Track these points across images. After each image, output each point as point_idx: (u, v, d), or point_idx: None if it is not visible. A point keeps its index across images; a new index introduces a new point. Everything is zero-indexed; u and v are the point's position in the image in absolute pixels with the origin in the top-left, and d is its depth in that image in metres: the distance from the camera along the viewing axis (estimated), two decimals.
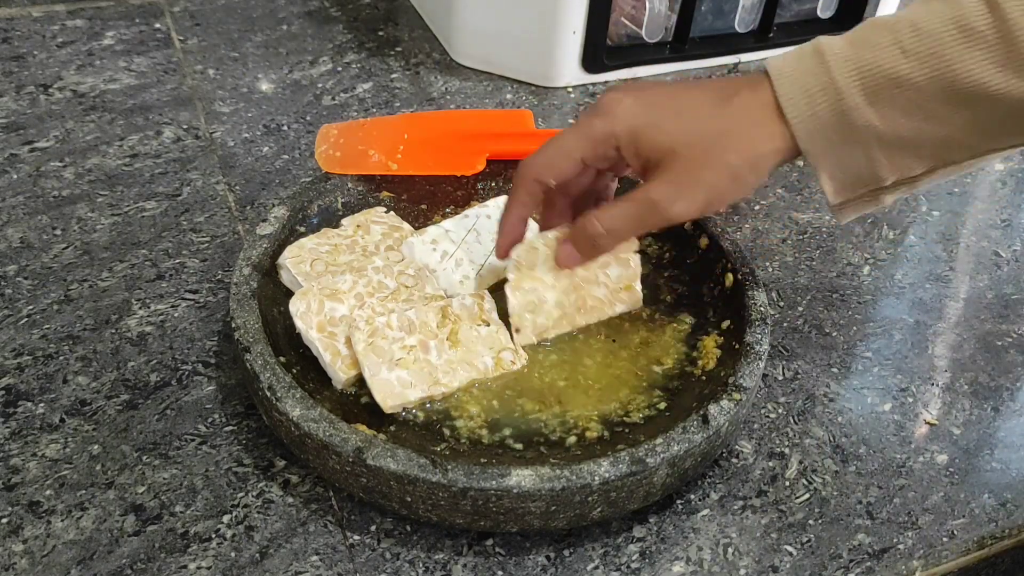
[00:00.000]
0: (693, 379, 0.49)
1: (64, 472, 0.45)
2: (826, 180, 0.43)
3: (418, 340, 0.48)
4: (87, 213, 0.60)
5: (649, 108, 0.44)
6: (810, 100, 0.41)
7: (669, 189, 0.44)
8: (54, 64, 0.75)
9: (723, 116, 0.43)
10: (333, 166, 0.60)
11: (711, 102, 0.43)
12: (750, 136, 0.43)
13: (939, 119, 0.40)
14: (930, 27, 0.39)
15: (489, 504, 0.41)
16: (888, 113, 0.40)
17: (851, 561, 0.44)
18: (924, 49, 0.39)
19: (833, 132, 0.41)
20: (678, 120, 0.43)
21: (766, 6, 0.82)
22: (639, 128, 0.44)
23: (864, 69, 0.40)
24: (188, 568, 0.42)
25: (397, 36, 0.84)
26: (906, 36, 0.39)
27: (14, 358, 0.50)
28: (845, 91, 0.40)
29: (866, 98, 0.40)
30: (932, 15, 0.39)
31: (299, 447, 0.44)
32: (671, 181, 0.44)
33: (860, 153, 0.42)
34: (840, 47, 0.41)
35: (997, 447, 0.51)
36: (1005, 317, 0.60)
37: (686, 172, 0.43)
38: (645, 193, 0.44)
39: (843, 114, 0.41)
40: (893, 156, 0.42)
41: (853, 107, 0.40)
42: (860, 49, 0.40)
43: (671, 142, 0.43)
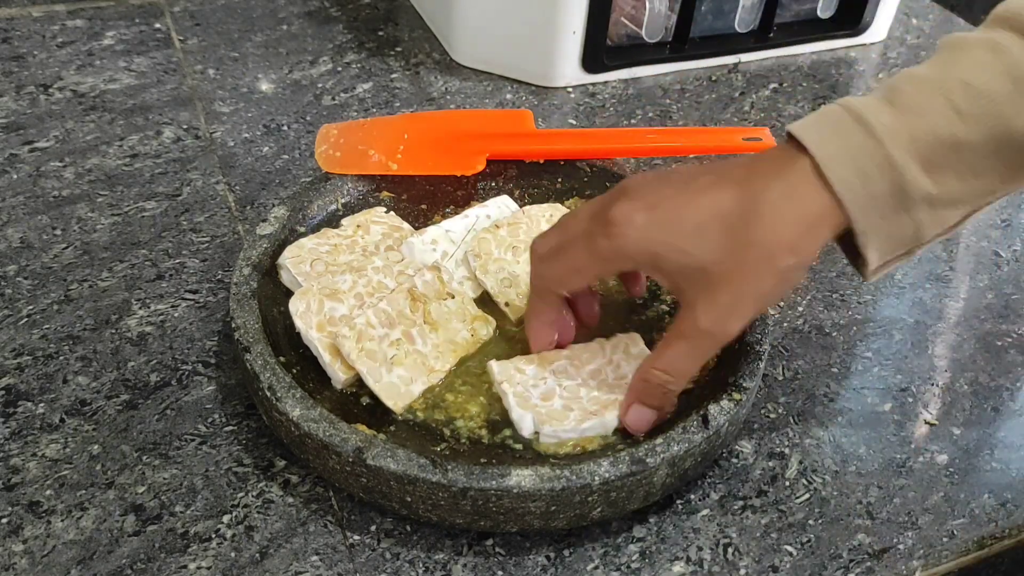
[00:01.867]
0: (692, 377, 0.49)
1: (64, 472, 0.45)
2: (873, 252, 0.40)
3: (402, 332, 0.48)
4: (87, 213, 0.61)
5: (665, 228, 0.39)
6: (865, 181, 0.38)
7: (718, 314, 0.40)
8: (54, 64, 0.75)
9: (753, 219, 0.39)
10: (333, 166, 0.60)
11: (738, 205, 0.39)
12: (790, 233, 0.39)
13: (988, 175, 0.38)
14: (984, 84, 0.37)
15: (489, 504, 0.41)
16: (943, 178, 0.38)
17: (851, 561, 0.44)
18: (981, 109, 0.37)
19: (888, 207, 0.38)
20: (700, 238, 0.39)
21: (766, 6, 0.82)
22: (657, 252, 0.40)
23: (920, 139, 0.37)
24: (188, 568, 0.42)
25: (397, 36, 0.84)
26: (959, 97, 0.37)
27: (14, 358, 0.50)
28: (903, 166, 0.37)
29: (923, 168, 0.38)
30: (983, 70, 0.37)
31: (299, 447, 0.44)
32: (717, 305, 0.40)
33: (908, 220, 0.39)
34: (889, 118, 0.38)
35: (997, 447, 0.51)
36: (1005, 317, 0.60)
37: (729, 292, 0.40)
38: (694, 325, 0.41)
39: (901, 188, 0.38)
40: (937, 215, 0.39)
41: (912, 181, 0.38)
42: (912, 118, 0.37)
43: (699, 264, 0.39)
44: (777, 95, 0.80)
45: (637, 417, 0.45)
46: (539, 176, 0.62)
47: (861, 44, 0.89)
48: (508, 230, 0.55)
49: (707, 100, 0.79)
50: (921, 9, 0.97)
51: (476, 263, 0.53)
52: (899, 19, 0.92)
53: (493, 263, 0.53)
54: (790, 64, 0.85)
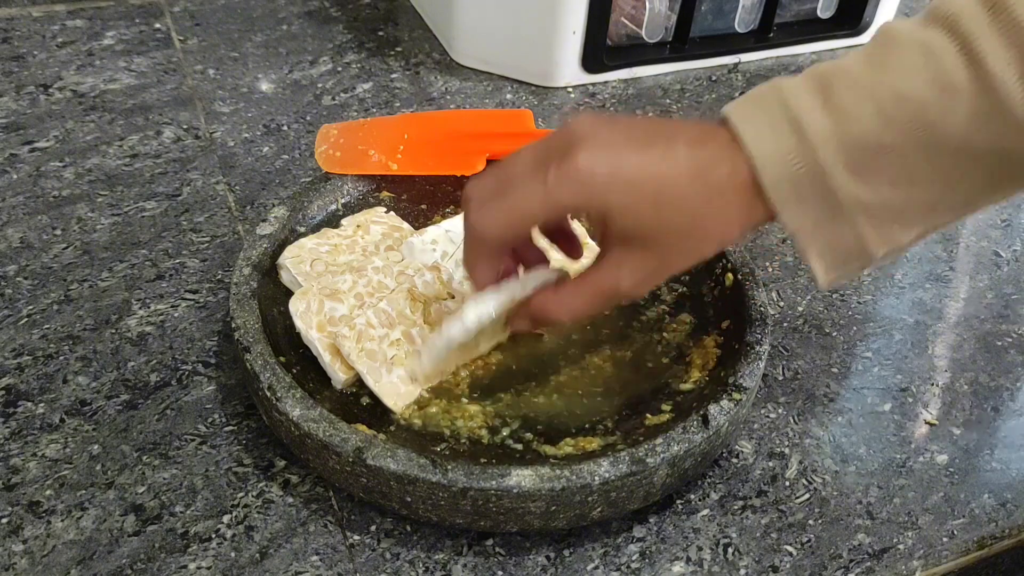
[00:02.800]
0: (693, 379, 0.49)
1: (64, 472, 0.45)
2: (815, 259, 0.40)
3: (401, 332, 0.48)
4: (87, 213, 0.61)
5: (628, 189, 0.39)
6: (795, 185, 0.38)
7: (642, 277, 0.41)
8: (54, 64, 0.75)
9: (703, 204, 0.40)
10: (333, 166, 0.60)
11: (690, 185, 0.39)
12: (727, 222, 0.40)
13: (925, 183, 0.38)
14: (912, 91, 0.36)
15: (489, 504, 0.41)
16: (873, 184, 0.38)
17: (851, 561, 0.44)
18: (908, 115, 0.37)
19: (819, 211, 0.39)
20: (656, 209, 0.39)
21: (766, 6, 0.82)
22: (613, 208, 0.40)
23: (848, 144, 0.37)
24: (188, 568, 0.42)
25: (397, 36, 0.84)
26: (889, 103, 0.37)
27: (14, 358, 0.50)
28: (831, 170, 0.38)
29: (851, 172, 0.38)
30: (913, 76, 0.37)
31: (299, 447, 0.44)
32: (644, 268, 0.41)
33: (848, 229, 0.39)
34: (821, 122, 0.38)
35: (997, 447, 0.51)
36: (1005, 317, 0.60)
37: (660, 260, 0.41)
38: (616, 282, 0.42)
39: (830, 192, 0.38)
40: (881, 228, 0.39)
41: (840, 185, 0.38)
42: (843, 123, 0.37)
43: (647, 231, 0.40)
44: None
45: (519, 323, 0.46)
46: None
47: (861, 44, 0.88)
48: None
49: (707, 100, 0.79)
50: (921, 9, 0.97)
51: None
52: (899, 19, 0.92)
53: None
54: (790, 64, 0.85)
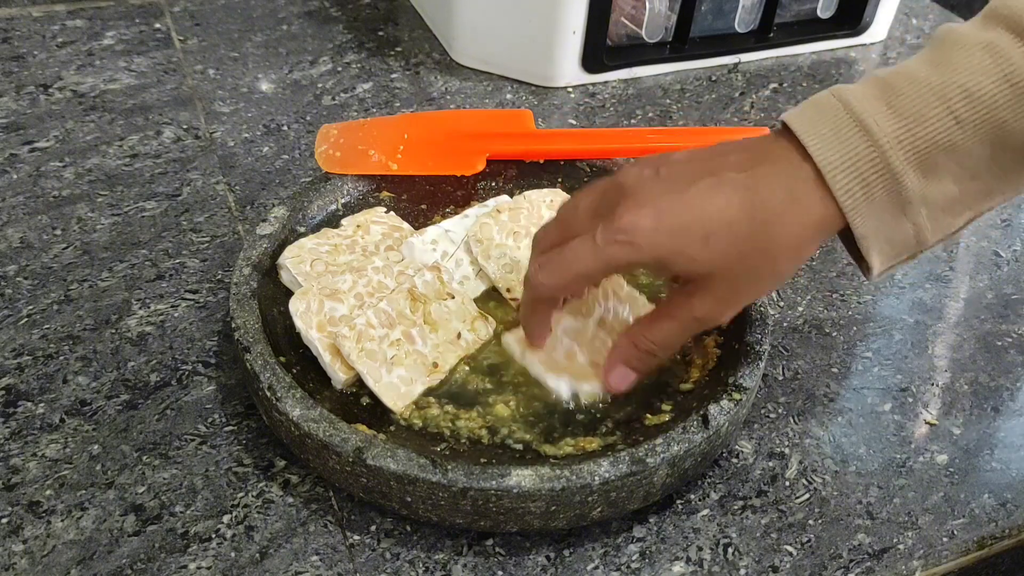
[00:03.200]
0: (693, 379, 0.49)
1: (64, 472, 0.45)
2: (876, 256, 0.41)
3: (401, 332, 0.48)
4: (87, 213, 0.61)
5: (674, 237, 0.40)
6: (867, 189, 0.39)
7: (714, 306, 0.42)
8: (54, 64, 0.75)
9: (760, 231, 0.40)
10: (333, 166, 0.60)
11: (743, 214, 0.39)
12: (795, 239, 0.40)
13: (985, 177, 0.39)
14: (983, 90, 0.37)
15: (489, 504, 0.41)
16: (939, 182, 0.39)
17: (851, 561, 0.44)
18: (979, 116, 0.37)
19: (886, 212, 0.39)
20: (709, 247, 0.40)
21: (766, 6, 0.82)
22: (665, 258, 0.40)
23: (919, 147, 0.38)
24: (188, 568, 0.42)
25: (397, 36, 0.84)
26: (959, 104, 0.37)
27: (14, 358, 0.50)
28: (902, 173, 0.38)
29: (920, 172, 0.38)
30: (982, 75, 0.37)
31: (299, 447, 0.44)
32: (715, 299, 0.42)
33: (909, 224, 0.40)
34: (889, 125, 0.38)
35: (997, 447, 0.51)
36: (1005, 317, 0.60)
37: (729, 290, 0.41)
38: (690, 312, 0.42)
39: (899, 194, 0.39)
40: (938, 220, 0.40)
41: (910, 186, 0.38)
42: (912, 125, 0.38)
43: (707, 270, 0.40)
44: (777, 95, 0.80)
45: (620, 377, 0.46)
46: (539, 176, 0.62)
47: (861, 44, 0.89)
48: (509, 215, 0.55)
49: (707, 100, 0.79)
50: (921, 9, 0.97)
51: (478, 248, 0.54)
52: (899, 19, 0.92)
53: (495, 248, 0.54)
54: (790, 64, 0.85)
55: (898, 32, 0.91)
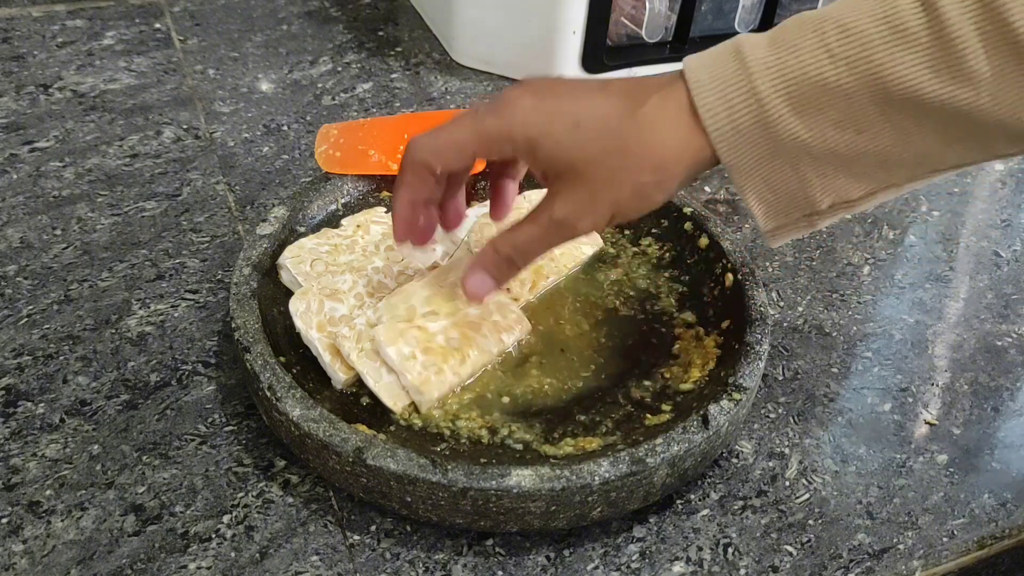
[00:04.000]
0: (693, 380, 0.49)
1: (64, 472, 0.45)
2: (754, 201, 0.40)
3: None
4: (87, 213, 0.61)
5: (548, 117, 0.40)
6: (730, 110, 0.37)
7: (573, 208, 0.41)
8: (54, 64, 0.75)
9: (628, 129, 0.39)
10: (333, 166, 0.60)
11: (616, 112, 0.40)
12: (660, 150, 0.39)
13: (872, 131, 0.36)
14: (858, 26, 0.35)
15: (489, 504, 0.41)
16: (817, 125, 0.37)
17: (851, 561, 0.44)
18: (852, 52, 0.35)
19: (757, 146, 0.38)
20: (577, 133, 0.40)
21: (766, 6, 0.82)
22: (536, 138, 0.40)
23: (788, 76, 0.36)
24: (188, 568, 0.42)
25: (397, 36, 0.84)
26: (832, 37, 0.36)
27: (14, 358, 0.50)
28: (768, 100, 0.37)
29: (792, 108, 0.36)
30: (861, 12, 0.35)
31: (299, 447, 0.44)
32: (574, 200, 0.41)
33: (789, 170, 0.38)
34: (762, 51, 0.37)
35: (997, 447, 0.51)
36: (1005, 317, 0.60)
37: (588, 191, 0.41)
38: (549, 213, 0.42)
39: (767, 125, 0.37)
40: (826, 175, 0.38)
41: (777, 118, 0.37)
42: (783, 53, 0.36)
43: (570, 158, 0.40)
44: None
45: (478, 283, 0.45)
46: None
47: None
48: (511, 215, 0.55)
49: None
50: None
51: (478, 250, 0.53)
52: None
53: None
54: None
55: None
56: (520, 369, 0.50)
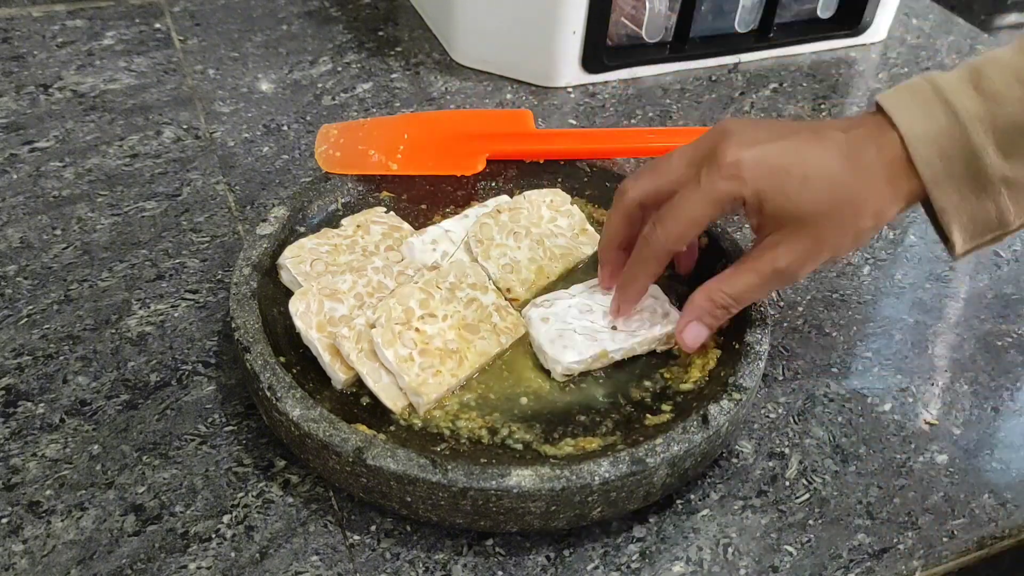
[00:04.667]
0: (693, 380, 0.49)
1: (64, 472, 0.45)
2: (957, 233, 0.43)
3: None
4: (87, 213, 0.61)
5: (776, 172, 0.42)
6: (947, 162, 0.41)
7: (798, 257, 0.43)
8: (54, 64, 0.75)
9: (852, 180, 0.42)
10: (333, 166, 0.60)
11: (838, 163, 0.42)
12: (880, 198, 0.42)
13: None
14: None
15: (489, 504, 0.41)
16: (1020, 163, 0.40)
17: (851, 561, 0.44)
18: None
19: (967, 188, 0.41)
20: (806, 187, 0.42)
21: (766, 6, 0.82)
22: (766, 193, 0.42)
23: (999, 126, 0.40)
24: (188, 568, 0.42)
25: (397, 36, 0.84)
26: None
27: (14, 358, 0.50)
28: (982, 150, 0.40)
29: (1002, 153, 0.40)
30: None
31: (299, 447, 0.44)
32: (799, 248, 0.43)
33: (991, 203, 0.42)
34: (972, 104, 0.40)
35: (997, 447, 0.51)
36: (1005, 317, 0.60)
37: (815, 239, 0.43)
38: (772, 263, 0.44)
39: (979, 171, 0.41)
40: (1020, 201, 0.42)
41: (990, 164, 0.40)
42: (994, 105, 0.40)
43: (800, 211, 0.42)
44: (777, 95, 0.80)
45: (695, 334, 0.47)
46: (539, 176, 0.62)
47: (861, 44, 0.89)
48: (509, 215, 0.55)
49: (707, 100, 0.79)
50: (921, 9, 0.97)
51: (478, 249, 0.54)
52: (899, 19, 0.92)
53: (495, 248, 0.54)
54: (790, 64, 0.85)
55: (898, 32, 0.91)
56: (520, 369, 0.50)
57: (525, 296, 0.53)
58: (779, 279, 0.45)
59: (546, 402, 0.48)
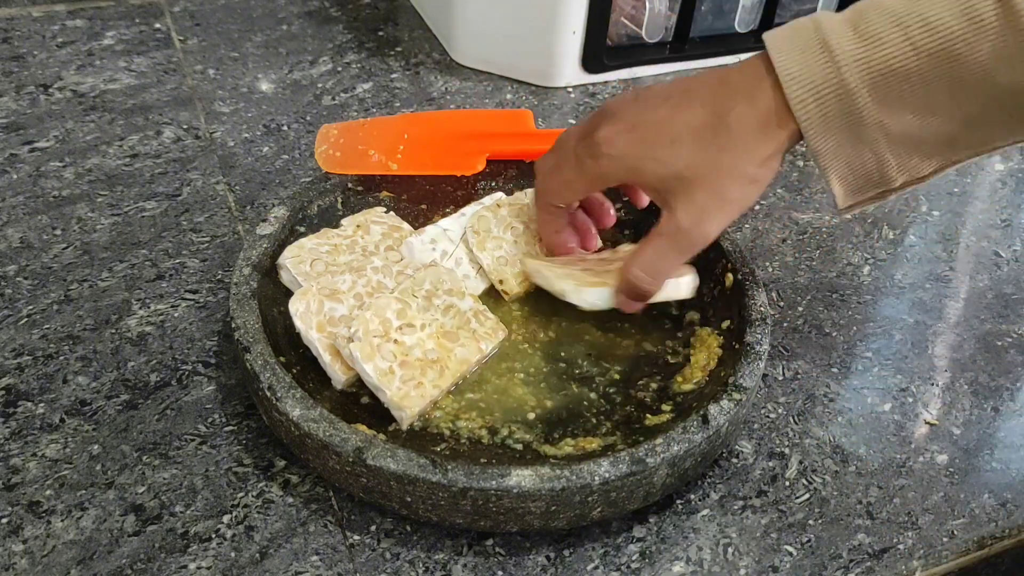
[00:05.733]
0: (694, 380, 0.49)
1: (64, 472, 0.45)
2: (836, 182, 0.43)
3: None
4: (87, 213, 0.61)
5: (643, 143, 0.44)
6: (821, 102, 0.40)
7: (694, 212, 0.44)
8: (54, 64, 0.75)
9: (724, 133, 0.42)
10: (333, 166, 0.60)
11: (708, 121, 0.43)
12: (756, 144, 0.42)
13: (945, 114, 0.39)
14: (940, 20, 0.38)
15: (489, 504, 0.41)
16: (897, 111, 0.40)
17: (851, 561, 0.44)
18: (935, 45, 0.38)
19: (843, 133, 0.41)
20: (676, 147, 0.43)
21: (766, 6, 0.82)
22: (638, 165, 0.44)
23: (875, 68, 0.39)
24: (188, 568, 0.42)
25: (397, 36, 0.84)
26: (917, 32, 0.38)
27: (14, 358, 0.50)
28: (856, 92, 0.39)
29: (876, 97, 0.39)
30: (942, 7, 0.38)
31: (299, 447, 0.44)
32: (695, 205, 0.44)
33: (870, 153, 0.41)
34: (849, 43, 0.39)
35: (997, 447, 0.51)
36: (1005, 317, 0.60)
37: (704, 191, 0.43)
38: (674, 224, 0.44)
39: (854, 114, 0.40)
40: (901, 156, 0.41)
41: (863, 107, 0.40)
42: (871, 47, 0.39)
43: (677, 171, 0.43)
44: None
45: (625, 307, 0.49)
46: None
47: None
48: (508, 210, 0.55)
49: None
50: None
51: (474, 240, 0.54)
52: None
53: (491, 241, 0.54)
54: None
55: None
56: (520, 370, 0.50)
57: (517, 289, 0.53)
58: (687, 239, 0.45)
59: (546, 402, 0.48)
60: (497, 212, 0.55)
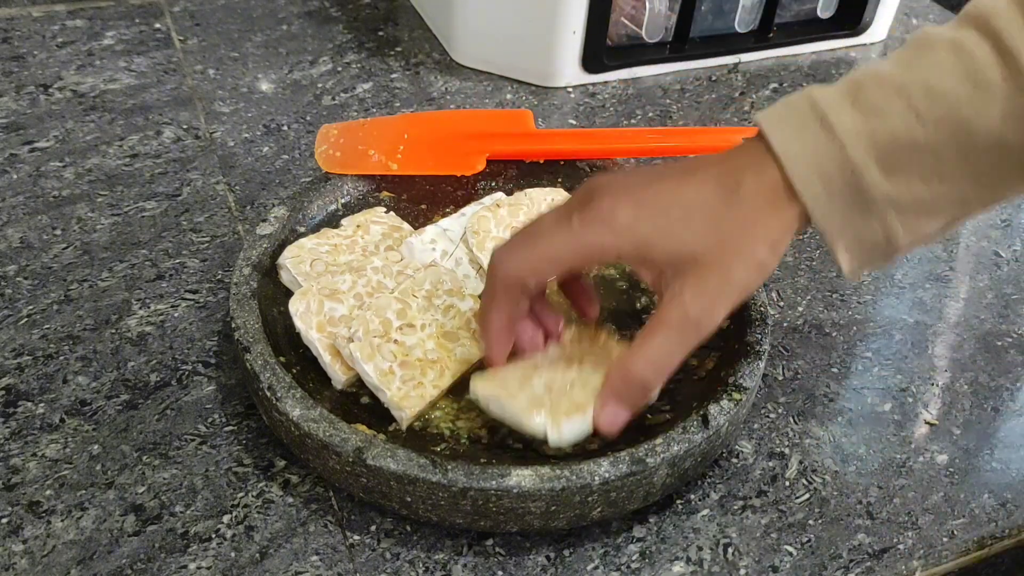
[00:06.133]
0: (694, 379, 0.49)
1: (64, 472, 0.45)
2: (843, 254, 0.40)
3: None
4: (87, 213, 0.61)
5: (652, 217, 0.40)
6: (826, 182, 0.38)
7: (707, 299, 0.40)
8: (54, 64, 0.75)
9: (736, 210, 0.39)
10: (333, 166, 0.60)
11: (718, 196, 0.40)
12: (767, 224, 0.40)
13: (955, 178, 0.38)
14: (944, 87, 0.37)
15: (489, 504, 0.41)
16: (906, 180, 0.38)
17: (851, 561, 0.44)
18: (941, 113, 0.37)
19: (851, 208, 0.39)
20: (690, 223, 0.39)
21: (766, 6, 0.82)
22: (648, 240, 0.40)
23: (880, 142, 0.38)
24: (188, 568, 0.42)
25: (397, 36, 0.84)
26: (920, 100, 0.37)
27: (14, 358, 0.50)
28: (862, 168, 0.38)
29: (883, 171, 0.38)
30: (944, 72, 0.37)
31: (299, 447, 0.44)
32: (706, 290, 0.40)
33: (877, 224, 0.39)
34: (850, 120, 0.38)
35: (997, 447, 0.51)
36: (1005, 317, 0.60)
37: (716, 276, 0.40)
38: (682, 312, 0.40)
39: (861, 191, 0.38)
40: (909, 221, 0.39)
41: (871, 180, 0.38)
42: (872, 120, 0.38)
43: (690, 250, 0.39)
44: (777, 95, 0.80)
45: (612, 418, 0.42)
46: (539, 176, 0.62)
47: (861, 44, 0.89)
48: (508, 210, 0.55)
49: (707, 100, 0.79)
50: (921, 9, 0.97)
51: (474, 240, 0.54)
52: (899, 19, 0.92)
53: (491, 240, 0.54)
54: (790, 64, 0.85)
55: (898, 32, 0.91)
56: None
57: None
58: (694, 331, 0.40)
59: None
60: (497, 212, 0.55)
